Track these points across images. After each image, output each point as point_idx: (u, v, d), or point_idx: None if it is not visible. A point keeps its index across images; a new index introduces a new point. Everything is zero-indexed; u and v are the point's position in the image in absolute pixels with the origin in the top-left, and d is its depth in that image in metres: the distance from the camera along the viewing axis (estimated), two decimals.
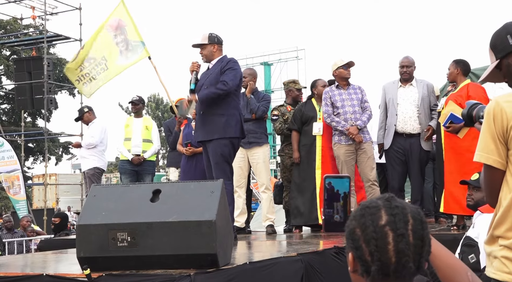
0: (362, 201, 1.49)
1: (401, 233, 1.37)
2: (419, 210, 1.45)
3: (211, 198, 3.37)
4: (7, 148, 14.72)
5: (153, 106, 44.91)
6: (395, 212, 1.40)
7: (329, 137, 6.61)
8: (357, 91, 6.44)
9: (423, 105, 6.43)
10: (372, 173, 6.31)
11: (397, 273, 1.38)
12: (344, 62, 6.55)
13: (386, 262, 1.37)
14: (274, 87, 36.05)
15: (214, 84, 5.51)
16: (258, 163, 6.74)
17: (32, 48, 18.86)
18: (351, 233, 1.43)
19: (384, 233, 1.38)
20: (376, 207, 1.42)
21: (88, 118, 8.95)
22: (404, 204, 1.44)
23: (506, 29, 2.35)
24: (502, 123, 2.21)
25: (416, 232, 1.39)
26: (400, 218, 1.39)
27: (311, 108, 6.81)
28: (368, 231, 1.39)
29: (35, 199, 25.78)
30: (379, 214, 1.40)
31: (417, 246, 1.39)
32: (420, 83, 6.55)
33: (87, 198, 3.69)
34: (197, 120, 5.70)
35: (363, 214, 1.42)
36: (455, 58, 6.33)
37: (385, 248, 1.37)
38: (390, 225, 1.38)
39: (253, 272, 3.57)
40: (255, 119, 6.75)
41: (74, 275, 3.39)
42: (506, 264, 2.22)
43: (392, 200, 1.44)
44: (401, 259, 1.37)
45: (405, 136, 6.44)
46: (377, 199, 1.46)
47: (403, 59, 6.61)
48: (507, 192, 2.23)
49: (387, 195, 1.47)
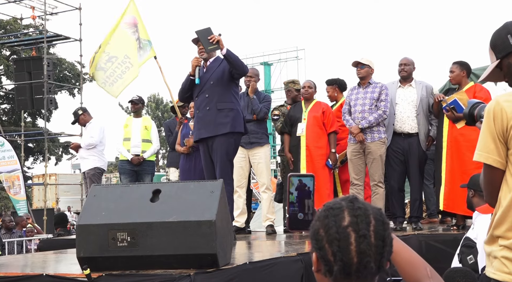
0: (326, 202, 1.50)
1: (363, 234, 1.39)
2: (381, 211, 1.48)
3: (211, 198, 3.37)
4: (8, 148, 14.71)
5: (153, 106, 44.90)
6: (357, 213, 1.42)
7: (314, 137, 6.62)
8: (375, 90, 6.37)
9: (421, 105, 6.44)
10: (377, 173, 6.29)
11: (359, 273, 1.40)
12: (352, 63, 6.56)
13: (348, 262, 1.39)
14: (274, 87, 36.06)
15: (219, 78, 5.54)
16: (260, 163, 6.75)
17: (32, 48, 18.83)
18: (315, 234, 1.45)
19: (347, 234, 1.40)
20: (339, 208, 1.44)
21: (84, 120, 8.93)
22: (367, 205, 1.46)
23: (506, 28, 2.35)
24: (502, 122, 2.21)
25: (378, 233, 1.41)
26: (362, 219, 1.41)
27: (299, 109, 6.85)
28: (331, 232, 1.41)
29: (35, 199, 25.78)
30: (342, 215, 1.42)
31: (378, 247, 1.41)
32: (419, 84, 6.56)
33: (87, 198, 3.69)
34: (201, 117, 5.64)
35: (327, 215, 1.44)
36: (455, 60, 6.32)
37: (347, 248, 1.39)
38: (353, 226, 1.40)
39: (253, 272, 3.57)
40: (256, 120, 6.75)
41: (74, 275, 3.39)
42: (506, 264, 2.22)
43: (355, 201, 1.45)
44: (362, 259, 1.39)
45: (404, 136, 6.44)
46: (340, 200, 1.48)
47: (402, 58, 6.64)
48: (507, 191, 2.23)
49: (351, 196, 1.49)
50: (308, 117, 6.70)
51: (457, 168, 6.05)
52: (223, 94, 5.53)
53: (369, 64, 6.42)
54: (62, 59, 28.48)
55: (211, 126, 5.50)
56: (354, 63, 6.46)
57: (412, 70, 6.60)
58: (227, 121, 5.47)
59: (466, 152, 5.78)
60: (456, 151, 6.08)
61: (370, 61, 6.47)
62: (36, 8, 18.41)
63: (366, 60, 6.45)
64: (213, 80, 5.56)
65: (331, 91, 7.33)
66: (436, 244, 5.66)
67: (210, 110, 5.53)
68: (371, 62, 6.47)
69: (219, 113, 5.50)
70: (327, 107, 6.87)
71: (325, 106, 6.85)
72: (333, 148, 6.67)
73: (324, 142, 6.69)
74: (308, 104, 6.81)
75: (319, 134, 6.67)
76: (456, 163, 6.06)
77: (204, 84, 5.58)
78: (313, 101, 6.84)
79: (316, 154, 6.61)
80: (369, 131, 6.30)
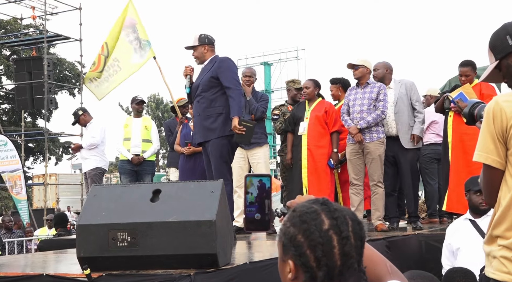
0: (296, 206, 1.47)
1: (346, 235, 1.38)
2: (353, 211, 1.47)
3: (211, 198, 3.37)
4: (10, 147, 14.74)
5: (153, 106, 44.88)
6: (336, 215, 1.40)
7: (316, 137, 6.63)
8: (373, 90, 6.35)
9: (400, 104, 6.45)
10: (376, 173, 6.29)
11: (341, 276, 1.38)
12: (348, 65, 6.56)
13: (332, 266, 1.37)
14: (274, 87, 36.05)
15: (207, 84, 5.54)
16: (259, 163, 6.75)
17: (32, 48, 18.84)
18: (292, 240, 1.40)
19: (329, 237, 1.37)
20: (315, 212, 1.40)
21: (84, 120, 8.93)
22: (340, 207, 1.44)
23: (505, 29, 2.35)
24: (502, 123, 2.21)
25: (356, 233, 1.40)
26: (342, 221, 1.39)
27: (302, 108, 6.85)
28: (314, 237, 1.37)
29: (35, 199, 25.78)
30: (320, 219, 1.39)
31: (358, 247, 1.40)
32: (398, 83, 6.58)
33: (87, 198, 3.69)
34: (196, 122, 5.72)
35: (304, 220, 1.40)
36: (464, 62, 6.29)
37: (331, 252, 1.37)
38: (334, 229, 1.38)
39: (253, 272, 3.57)
40: (254, 119, 6.75)
41: (74, 275, 3.39)
42: (505, 264, 2.22)
43: (328, 204, 1.43)
44: (346, 261, 1.37)
45: (392, 139, 6.46)
46: (311, 203, 1.44)
47: (375, 64, 6.64)
48: (506, 191, 2.24)
49: (321, 199, 1.46)
50: (310, 116, 6.69)
51: (462, 168, 6.04)
52: (212, 99, 5.57)
53: (363, 64, 6.39)
54: (62, 59, 28.49)
55: (202, 132, 5.59)
56: (348, 65, 6.46)
57: (384, 73, 6.58)
58: (215, 126, 5.51)
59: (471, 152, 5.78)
60: (461, 151, 6.08)
61: (364, 61, 6.44)
62: (36, 8, 18.42)
63: (360, 60, 6.43)
64: (202, 86, 5.60)
65: (334, 90, 7.33)
66: (436, 244, 5.66)
67: (200, 116, 5.61)
68: (365, 61, 6.44)
69: (207, 118, 5.55)
70: (330, 106, 6.83)
71: (328, 105, 6.82)
72: (335, 147, 6.66)
73: (326, 141, 6.67)
74: (311, 103, 6.80)
75: (321, 134, 6.66)
76: (461, 163, 6.06)
77: (196, 89, 5.64)
78: (317, 100, 6.81)
79: (317, 154, 6.60)
80: (367, 131, 6.29)
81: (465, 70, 6.22)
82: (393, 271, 1.64)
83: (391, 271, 1.63)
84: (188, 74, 5.70)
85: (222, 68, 5.57)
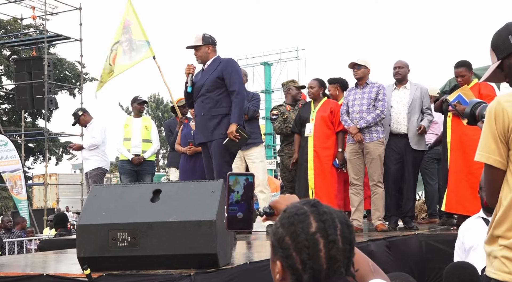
0: (287, 207, 1.45)
1: (333, 239, 1.36)
2: (344, 214, 1.45)
3: (211, 198, 3.37)
4: (11, 147, 14.76)
5: (153, 106, 44.89)
6: (324, 218, 1.38)
7: (322, 138, 6.62)
8: (372, 90, 6.36)
9: (413, 106, 6.47)
10: (376, 173, 6.29)
11: (328, 279, 1.36)
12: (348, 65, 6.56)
13: (318, 269, 1.35)
14: (274, 87, 36.05)
15: (213, 84, 5.52)
16: (255, 162, 6.73)
17: (32, 48, 18.84)
18: (280, 242, 1.40)
19: (315, 240, 1.35)
20: (304, 214, 1.39)
21: (84, 121, 8.92)
22: (331, 209, 1.42)
23: (507, 29, 2.34)
24: (504, 123, 2.21)
25: (345, 237, 1.38)
26: (329, 224, 1.37)
27: (307, 109, 6.83)
28: (300, 239, 1.36)
29: (35, 199, 25.78)
30: (308, 221, 1.37)
31: (346, 250, 1.38)
32: (414, 86, 6.61)
33: (87, 198, 3.69)
34: (198, 122, 5.69)
35: (292, 222, 1.38)
36: (458, 63, 6.29)
37: (317, 255, 1.35)
38: (321, 232, 1.36)
39: (253, 272, 3.57)
40: (248, 119, 6.72)
41: (74, 275, 3.39)
42: (506, 264, 2.22)
43: (318, 206, 1.41)
44: (333, 265, 1.36)
45: (400, 137, 6.47)
46: (302, 204, 1.43)
47: (397, 61, 6.70)
48: (508, 191, 2.23)
49: (312, 200, 1.44)
50: (316, 117, 6.67)
51: (461, 169, 6.05)
52: (217, 99, 5.55)
53: (365, 64, 6.40)
54: (63, 59, 28.46)
55: (206, 132, 5.56)
56: (350, 64, 6.46)
57: (406, 72, 6.62)
58: (220, 127, 5.50)
59: (470, 152, 5.78)
60: (461, 152, 6.08)
61: (366, 61, 6.45)
62: (36, 8, 18.41)
63: (362, 60, 6.44)
64: (207, 86, 5.57)
65: (332, 90, 7.32)
66: (436, 244, 5.66)
67: (205, 116, 5.57)
68: (367, 62, 6.46)
69: (213, 119, 5.53)
70: (335, 105, 6.80)
71: (334, 105, 6.79)
72: (340, 147, 6.66)
73: (332, 142, 6.66)
74: (317, 104, 6.77)
75: (327, 134, 6.64)
76: (461, 163, 6.06)
77: (200, 89, 5.60)
78: (322, 100, 6.79)
79: (323, 155, 6.59)
80: (367, 131, 6.30)
81: (460, 70, 6.23)
82: (375, 270, 1.63)
83: (374, 270, 1.62)
84: (190, 73, 5.67)
85: (228, 69, 5.55)
